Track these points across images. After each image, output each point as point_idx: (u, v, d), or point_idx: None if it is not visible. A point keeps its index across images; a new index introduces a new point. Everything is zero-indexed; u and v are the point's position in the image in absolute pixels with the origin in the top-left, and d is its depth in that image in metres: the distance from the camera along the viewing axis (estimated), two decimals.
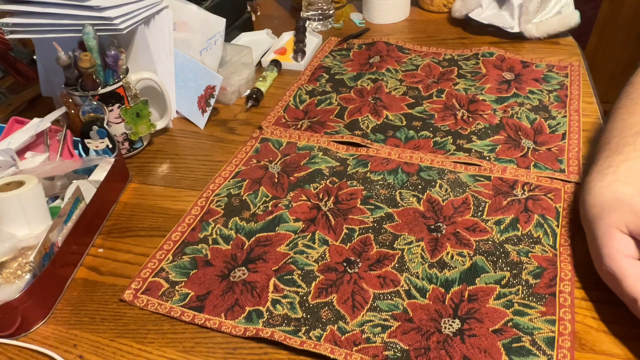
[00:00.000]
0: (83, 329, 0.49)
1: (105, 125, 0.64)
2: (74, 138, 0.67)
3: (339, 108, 0.76)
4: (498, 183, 0.61)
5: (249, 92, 0.80)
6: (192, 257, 0.54)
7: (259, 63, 0.90)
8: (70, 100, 0.65)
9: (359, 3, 1.05)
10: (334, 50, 0.92)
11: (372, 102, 0.76)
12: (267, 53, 0.91)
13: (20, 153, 0.65)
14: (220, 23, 0.78)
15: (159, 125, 0.72)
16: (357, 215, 0.58)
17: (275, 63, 0.87)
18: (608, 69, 1.76)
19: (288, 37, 0.96)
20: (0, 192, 0.52)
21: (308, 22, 0.98)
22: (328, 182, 0.63)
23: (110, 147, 0.65)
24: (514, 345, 0.44)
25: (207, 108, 0.76)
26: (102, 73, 0.64)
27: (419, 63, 0.85)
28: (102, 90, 0.63)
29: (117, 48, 0.64)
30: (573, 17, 0.87)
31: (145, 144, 0.73)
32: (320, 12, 0.99)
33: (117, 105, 0.65)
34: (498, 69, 0.82)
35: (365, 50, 0.90)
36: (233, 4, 0.93)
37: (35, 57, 0.78)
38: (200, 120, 0.76)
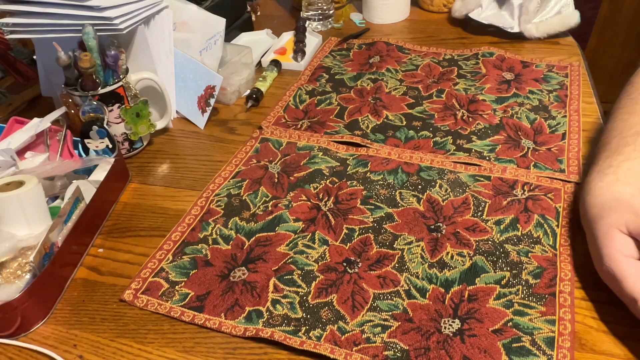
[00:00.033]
0: (83, 329, 0.49)
1: (105, 125, 0.64)
2: (74, 138, 0.67)
3: (339, 108, 0.76)
4: (498, 183, 0.61)
5: (249, 92, 0.80)
6: (192, 257, 0.54)
7: (259, 63, 0.90)
8: (70, 100, 0.65)
9: (359, 3, 1.05)
10: (334, 50, 0.92)
11: (372, 102, 0.76)
12: (267, 53, 0.91)
13: (20, 153, 0.65)
14: (220, 23, 0.78)
15: (159, 125, 0.72)
16: (357, 215, 0.58)
17: (275, 63, 0.87)
18: (608, 69, 1.76)
19: (288, 37, 0.96)
20: (0, 192, 0.52)
21: (308, 22, 0.98)
22: (328, 182, 0.63)
23: (110, 147, 0.65)
24: (514, 345, 0.44)
25: (207, 108, 0.76)
26: (102, 73, 0.64)
27: (419, 63, 0.85)
28: (102, 90, 0.63)
29: (117, 48, 0.64)
30: (573, 17, 0.87)
31: (145, 144, 0.73)
32: (320, 12, 0.99)
33: (117, 105, 0.65)
34: (498, 69, 0.82)
35: (365, 50, 0.90)
36: (233, 4, 0.93)
37: (35, 57, 0.78)
38: (200, 120, 0.76)
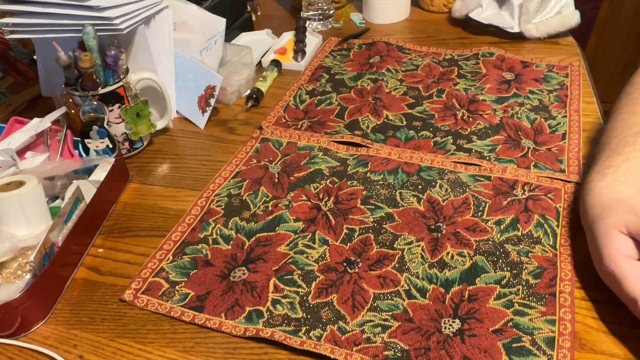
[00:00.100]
0: (83, 329, 0.49)
1: (106, 125, 0.64)
2: (74, 138, 0.67)
3: (339, 108, 0.76)
4: (498, 183, 0.61)
5: (249, 92, 0.80)
6: (192, 257, 0.54)
7: (259, 63, 0.90)
8: (70, 100, 0.65)
9: (359, 3, 1.05)
10: (334, 50, 0.92)
11: (372, 102, 0.76)
12: (267, 53, 0.91)
13: (20, 153, 0.65)
14: (220, 23, 0.78)
15: (159, 125, 0.72)
16: (357, 215, 0.58)
17: (276, 63, 0.87)
18: (608, 69, 1.76)
19: (288, 37, 0.96)
20: (0, 192, 0.52)
21: (308, 22, 0.98)
22: (328, 182, 0.63)
23: (111, 147, 0.65)
24: (514, 345, 0.44)
25: (207, 108, 0.76)
26: (102, 73, 0.64)
27: (419, 63, 0.85)
28: (102, 90, 0.63)
29: (117, 48, 0.64)
30: (573, 17, 0.87)
31: (145, 144, 0.73)
32: (320, 12, 0.99)
33: (117, 105, 0.65)
34: (498, 69, 0.82)
35: (365, 50, 0.90)
36: (233, 4, 0.93)
37: (35, 57, 0.78)
38: (200, 120, 0.76)
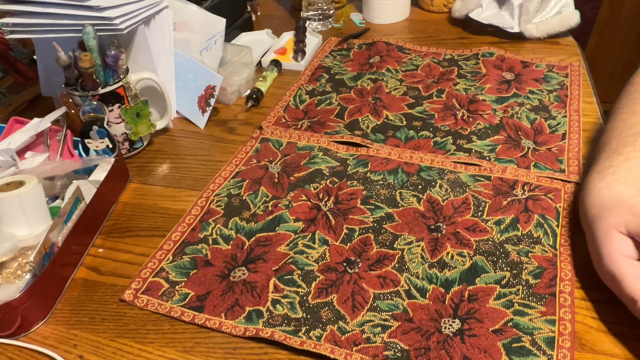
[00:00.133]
0: (83, 329, 0.49)
1: (105, 125, 0.64)
2: (74, 138, 0.67)
3: (339, 108, 0.76)
4: (498, 183, 0.61)
5: (249, 92, 0.80)
6: (192, 257, 0.54)
7: (259, 63, 0.90)
8: (70, 100, 0.65)
9: (359, 3, 1.05)
10: (334, 50, 0.92)
11: (372, 102, 0.76)
12: (267, 53, 0.91)
13: (20, 153, 0.65)
14: (220, 23, 0.78)
15: (159, 125, 0.72)
16: (357, 215, 0.58)
17: (275, 63, 0.87)
18: (608, 69, 1.76)
19: (288, 37, 0.96)
20: (0, 192, 0.52)
21: (308, 22, 0.98)
22: (328, 182, 0.63)
23: (110, 147, 0.65)
24: (514, 345, 0.44)
25: (207, 108, 0.76)
26: (102, 73, 0.64)
27: (419, 63, 0.85)
28: (102, 90, 0.63)
29: (117, 48, 0.64)
30: (573, 17, 0.87)
31: (145, 144, 0.73)
32: (320, 12, 0.99)
33: (117, 105, 0.65)
34: (498, 69, 0.82)
35: (365, 50, 0.90)
36: (233, 4, 0.93)
37: (35, 57, 0.78)
38: (200, 120, 0.76)
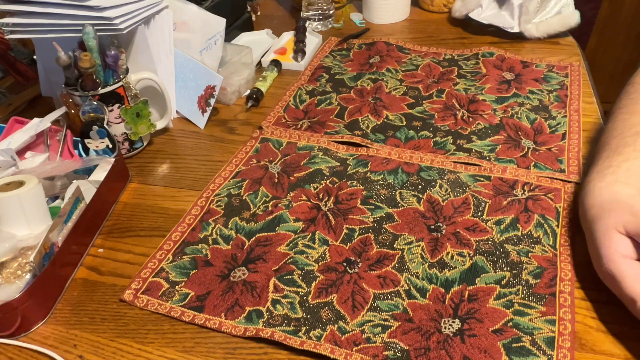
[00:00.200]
0: (83, 329, 0.49)
1: (105, 125, 0.64)
2: (74, 138, 0.67)
3: (339, 108, 0.76)
4: (498, 183, 0.61)
5: (249, 92, 0.80)
6: (192, 257, 0.54)
7: (259, 63, 0.90)
8: (70, 100, 0.65)
9: (359, 3, 1.05)
10: (334, 50, 0.92)
11: (372, 102, 0.76)
12: (267, 53, 0.91)
13: (20, 153, 0.65)
14: (220, 23, 0.78)
15: (159, 125, 0.72)
16: (357, 215, 0.58)
17: (275, 63, 0.87)
18: (608, 69, 1.76)
19: (288, 37, 0.96)
20: (0, 192, 0.52)
21: (308, 22, 0.98)
22: (328, 182, 0.63)
23: (110, 147, 0.65)
24: (514, 345, 0.44)
25: (207, 108, 0.76)
26: (102, 73, 0.64)
27: (419, 63, 0.85)
28: (102, 90, 0.63)
29: (117, 48, 0.64)
30: (573, 17, 0.87)
31: (145, 144, 0.73)
32: (320, 12, 0.99)
33: (117, 105, 0.65)
34: (498, 69, 0.82)
35: (365, 50, 0.90)
36: (233, 4, 0.93)
37: (35, 57, 0.78)
38: (200, 120, 0.76)
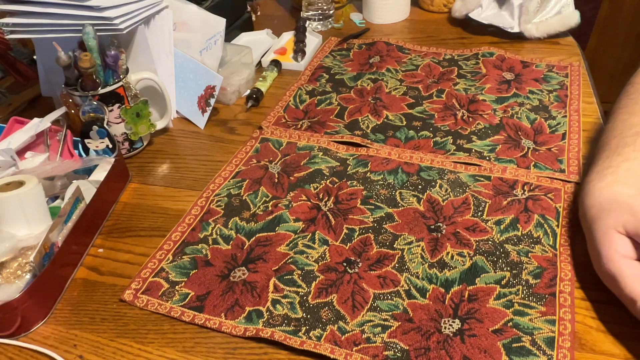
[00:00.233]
0: (83, 329, 0.49)
1: (105, 125, 0.64)
2: (74, 138, 0.67)
3: (339, 108, 0.76)
4: (498, 183, 0.61)
5: (249, 92, 0.80)
6: (192, 257, 0.54)
7: (259, 63, 0.90)
8: (70, 100, 0.65)
9: (359, 3, 1.05)
10: (334, 50, 0.92)
11: (372, 102, 0.76)
12: (267, 53, 0.91)
13: (20, 153, 0.65)
14: (220, 23, 0.78)
15: (159, 125, 0.72)
16: (357, 215, 0.58)
17: (275, 63, 0.87)
18: (608, 69, 1.76)
19: (288, 37, 0.96)
20: (0, 192, 0.52)
21: (308, 22, 0.98)
22: (328, 182, 0.63)
23: (110, 147, 0.65)
24: (514, 345, 0.44)
25: (207, 108, 0.76)
26: (102, 73, 0.64)
27: (419, 63, 0.85)
28: (102, 90, 0.63)
29: (117, 48, 0.64)
30: (573, 17, 0.87)
31: (145, 144, 0.73)
32: (320, 12, 0.99)
33: (117, 105, 0.65)
34: (498, 69, 0.82)
35: (365, 50, 0.90)
36: (233, 4, 0.93)
37: (35, 57, 0.78)
38: (200, 120, 0.76)
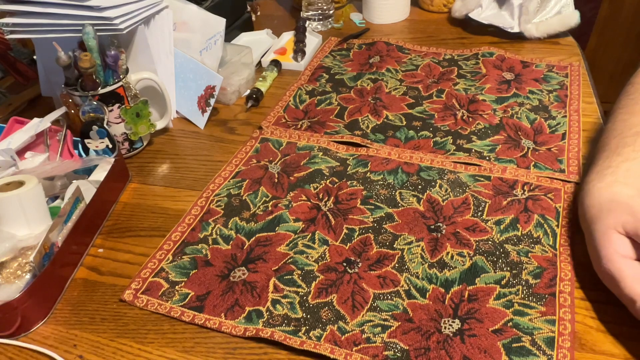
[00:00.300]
0: (83, 329, 0.49)
1: (105, 125, 0.64)
2: (74, 138, 0.67)
3: (339, 108, 0.76)
4: (498, 183, 0.61)
5: (249, 92, 0.80)
6: (192, 257, 0.54)
7: (259, 63, 0.90)
8: (70, 100, 0.65)
9: (359, 3, 1.05)
10: (334, 50, 0.92)
11: (372, 102, 0.76)
12: (267, 53, 0.91)
13: (20, 153, 0.65)
14: (220, 23, 0.78)
15: (159, 125, 0.72)
16: (357, 215, 0.58)
17: (275, 63, 0.87)
18: (608, 69, 1.76)
19: (288, 37, 0.96)
20: (0, 192, 0.52)
21: (308, 22, 0.98)
22: (328, 182, 0.63)
23: (110, 147, 0.65)
24: (514, 345, 0.44)
25: (207, 108, 0.76)
26: (102, 73, 0.64)
27: (419, 63, 0.85)
28: (102, 90, 0.63)
29: (117, 48, 0.64)
30: (573, 17, 0.87)
31: (145, 144, 0.73)
32: (320, 12, 0.99)
33: (117, 105, 0.65)
34: (498, 69, 0.82)
35: (365, 50, 0.90)
36: (233, 4, 0.93)
37: (35, 57, 0.78)
38: (200, 120, 0.76)
